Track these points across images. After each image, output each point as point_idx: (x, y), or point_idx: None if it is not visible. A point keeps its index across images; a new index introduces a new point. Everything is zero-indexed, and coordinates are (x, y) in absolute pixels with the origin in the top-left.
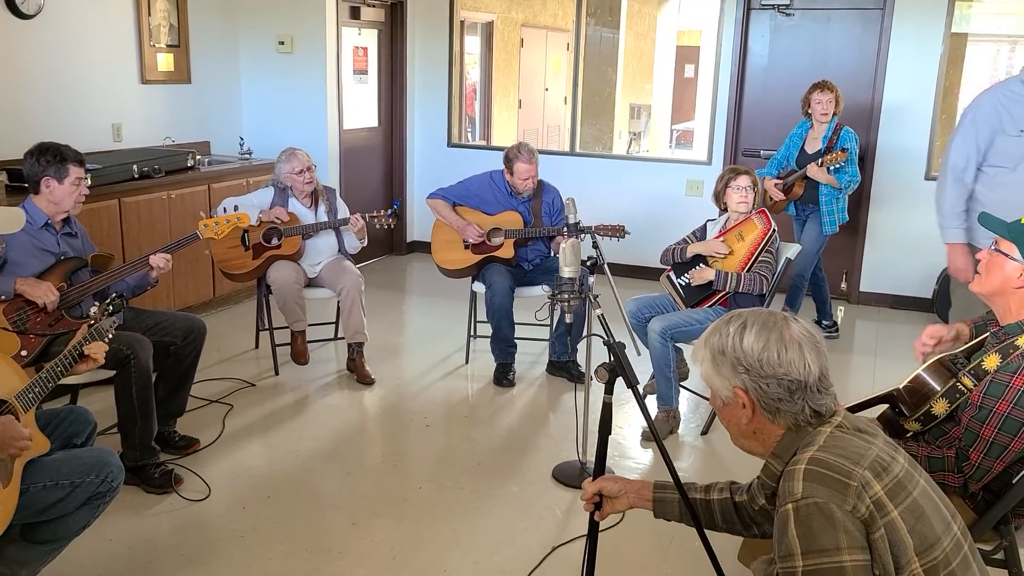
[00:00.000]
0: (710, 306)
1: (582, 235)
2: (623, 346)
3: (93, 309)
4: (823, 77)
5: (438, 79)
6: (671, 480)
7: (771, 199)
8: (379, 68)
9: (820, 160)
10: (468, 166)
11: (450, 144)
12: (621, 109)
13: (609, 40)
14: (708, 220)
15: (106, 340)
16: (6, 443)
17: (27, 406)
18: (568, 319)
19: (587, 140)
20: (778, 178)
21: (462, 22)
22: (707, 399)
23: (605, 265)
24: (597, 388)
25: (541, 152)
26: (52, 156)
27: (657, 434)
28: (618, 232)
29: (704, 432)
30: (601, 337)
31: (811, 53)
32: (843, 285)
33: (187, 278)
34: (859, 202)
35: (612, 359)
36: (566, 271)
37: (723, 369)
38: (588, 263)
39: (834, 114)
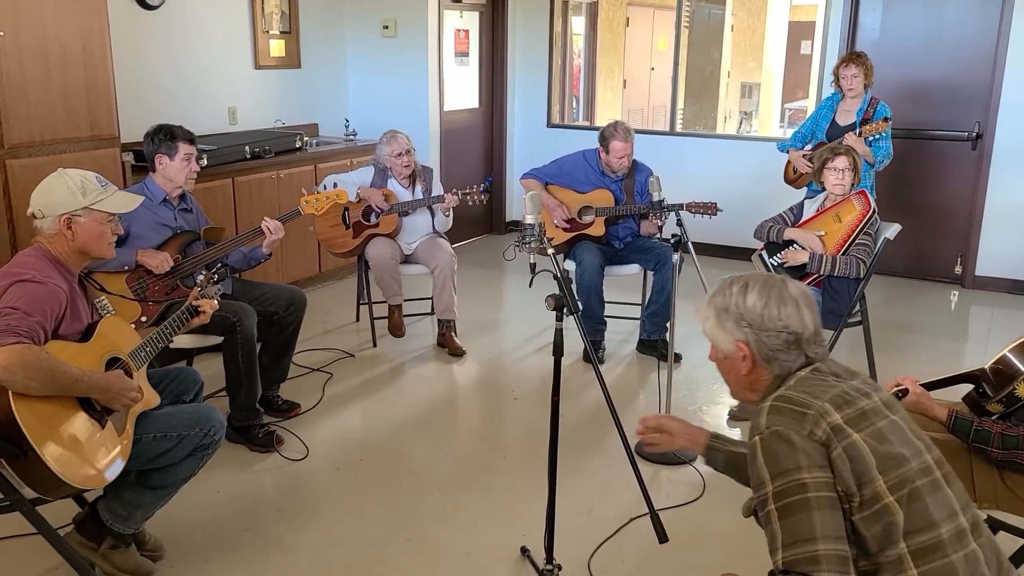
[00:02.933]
0: None
1: (667, 213)
2: (570, 280)
3: (200, 277)
4: (938, 54)
5: (538, 60)
6: (724, 435)
7: (795, 171)
8: (480, 50)
9: (859, 131)
10: (567, 147)
11: (549, 125)
12: (727, 88)
13: (717, 17)
14: (805, 198)
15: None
16: (120, 394)
17: (139, 364)
18: (531, 259)
19: (689, 119)
20: (813, 150)
21: (565, 2)
22: None
23: (689, 243)
24: (682, 367)
25: (648, 132)
26: (164, 135)
27: (594, 357)
28: (710, 209)
29: None
30: (551, 272)
31: (926, 27)
32: (957, 268)
33: (295, 252)
34: (976, 181)
35: (559, 290)
36: (528, 218)
37: (727, 324)
38: (672, 241)
39: (866, 87)
